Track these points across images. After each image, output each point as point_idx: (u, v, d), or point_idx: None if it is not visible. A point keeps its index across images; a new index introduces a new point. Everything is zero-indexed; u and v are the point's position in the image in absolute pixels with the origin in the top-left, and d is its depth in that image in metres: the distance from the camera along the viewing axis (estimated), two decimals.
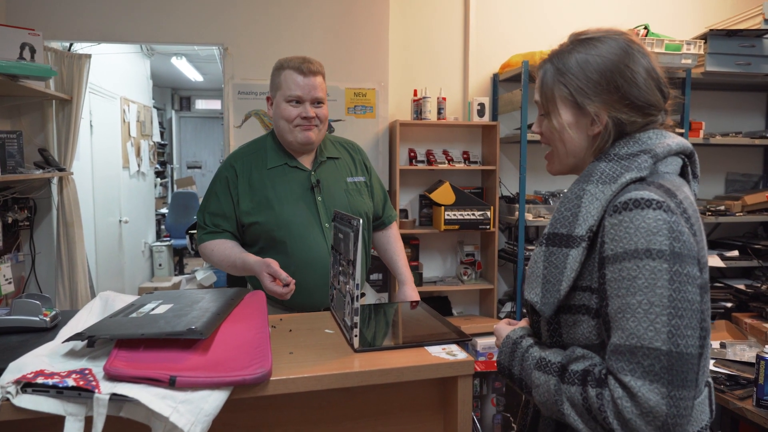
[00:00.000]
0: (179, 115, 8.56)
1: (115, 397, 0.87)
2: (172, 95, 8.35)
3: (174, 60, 5.86)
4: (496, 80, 3.32)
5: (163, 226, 6.58)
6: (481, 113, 3.19)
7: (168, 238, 6.11)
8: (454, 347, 1.14)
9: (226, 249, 1.63)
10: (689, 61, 3.05)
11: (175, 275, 5.81)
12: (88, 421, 0.87)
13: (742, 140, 3.35)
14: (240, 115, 2.92)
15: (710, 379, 0.95)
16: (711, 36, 3.10)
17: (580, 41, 0.96)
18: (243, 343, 1.05)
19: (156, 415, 0.86)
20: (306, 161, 1.70)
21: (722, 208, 3.23)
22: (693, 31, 3.39)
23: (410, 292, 1.75)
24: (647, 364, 0.77)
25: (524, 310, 1.06)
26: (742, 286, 3.13)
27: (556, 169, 1.03)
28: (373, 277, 3.09)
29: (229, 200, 1.65)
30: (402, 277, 1.80)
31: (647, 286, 0.79)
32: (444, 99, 3.14)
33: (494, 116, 3.28)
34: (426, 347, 1.14)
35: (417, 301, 1.53)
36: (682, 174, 0.95)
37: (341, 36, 3.01)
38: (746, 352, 2.26)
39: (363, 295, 1.78)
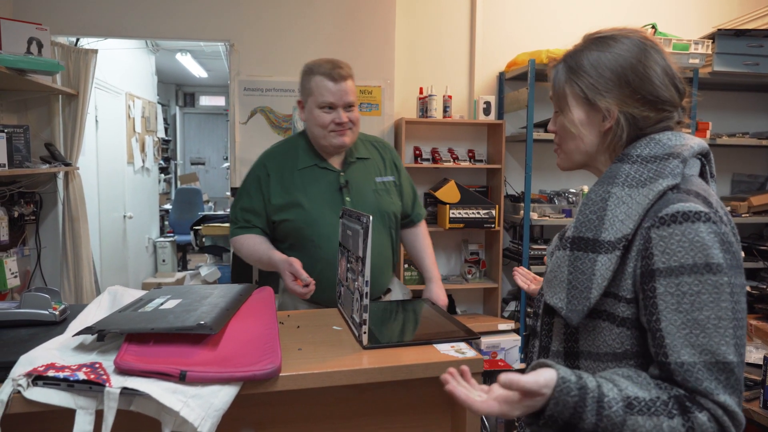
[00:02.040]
0: (183, 111, 8.55)
1: (125, 391, 0.87)
2: (176, 91, 8.34)
3: (179, 56, 5.86)
4: (502, 78, 3.31)
5: (166, 222, 6.59)
6: (486, 111, 3.18)
7: (171, 234, 6.12)
8: (462, 345, 1.14)
9: (254, 244, 1.67)
10: (697, 61, 3.04)
11: (179, 271, 5.82)
12: (99, 415, 0.87)
13: (748, 141, 3.33)
14: (246, 111, 2.92)
15: None
16: (719, 36, 3.08)
17: (593, 40, 0.96)
18: (252, 339, 1.05)
19: (166, 409, 0.86)
20: (336, 162, 1.72)
21: (728, 209, 3.21)
22: (701, 30, 3.37)
23: (437, 290, 1.76)
24: (724, 378, 0.77)
25: (529, 310, 1.04)
26: (747, 288, 3.12)
27: (566, 165, 1.03)
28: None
29: (260, 198, 1.69)
30: (429, 274, 1.81)
31: (713, 300, 0.78)
32: (450, 97, 3.13)
33: (500, 115, 3.27)
34: (435, 345, 1.14)
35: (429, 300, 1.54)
36: (701, 174, 0.94)
37: (347, 33, 3.01)
38: (753, 354, 2.25)
39: (389, 290, 1.78)
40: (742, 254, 0.88)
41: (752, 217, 3.26)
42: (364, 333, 1.12)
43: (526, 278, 1.31)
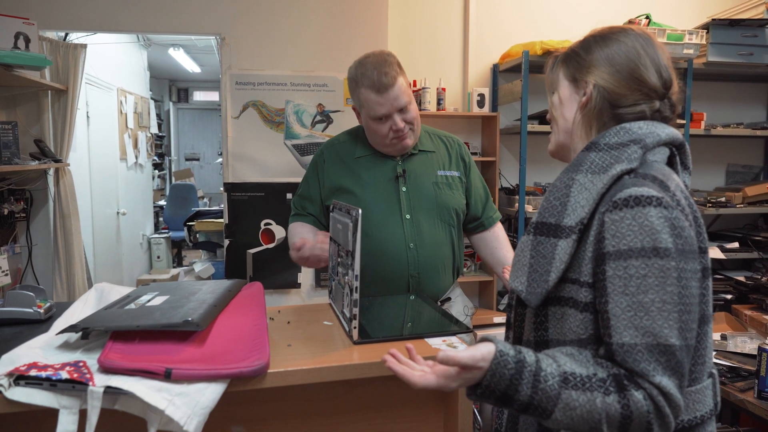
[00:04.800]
0: (177, 106, 8.50)
1: (109, 390, 0.85)
2: (169, 87, 8.29)
3: (171, 51, 5.81)
4: (496, 70, 3.29)
5: (161, 218, 6.56)
6: (480, 104, 3.16)
7: (166, 231, 6.09)
8: (454, 339, 1.13)
9: (298, 228, 1.65)
10: (691, 51, 3.02)
11: (174, 267, 5.80)
12: (83, 414, 0.86)
13: (743, 131, 3.33)
14: (238, 105, 2.89)
15: (715, 371, 0.93)
16: (713, 26, 3.06)
17: (593, 36, 0.99)
18: (240, 335, 1.03)
19: (151, 408, 0.85)
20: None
21: (723, 199, 3.22)
22: (695, 20, 3.35)
23: None
24: (664, 360, 0.78)
25: (510, 303, 1.03)
26: (742, 278, 3.12)
27: (552, 148, 1.05)
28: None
29: (317, 184, 1.67)
30: None
31: (658, 284, 0.79)
32: (444, 89, 3.11)
33: (494, 107, 3.25)
34: (426, 339, 1.12)
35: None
36: (670, 164, 0.95)
37: (340, 25, 2.97)
38: (747, 344, 2.25)
39: (448, 299, 1.65)
40: (703, 231, 0.88)
41: (747, 207, 3.25)
42: (355, 328, 1.10)
43: None
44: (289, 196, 2.93)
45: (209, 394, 0.88)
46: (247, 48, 2.87)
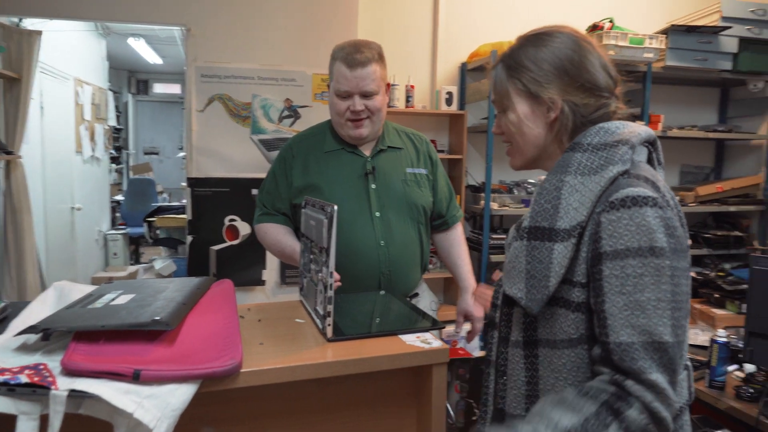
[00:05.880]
0: (136, 98, 8.22)
1: (74, 394, 0.82)
2: (128, 78, 8.00)
3: (131, 41, 5.61)
4: (464, 69, 3.32)
5: (118, 214, 6.35)
6: (449, 102, 3.19)
7: (123, 226, 5.90)
8: (428, 335, 1.13)
9: (279, 234, 1.62)
10: (651, 55, 3.12)
11: (131, 264, 5.62)
12: (45, 420, 0.81)
13: (697, 133, 3.46)
14: (203, 99, 2.82)
15: (689, 363, 0.96)
16: (672, 31, 3.17)
17: (527, 38, 0.98)
18: (211, 334, 1.00)
19: (119, 411, 0.81)
20: (366, 149, 1.64)
21: (677, 198, 3.34)
22: (655, 26, 3.46)
23: (473, 301, 1.66)
24: (658, 357, 0.79)
25: (494, 303, 1.03)
26: (693, 274, 3.25)
27: (519, 164, 1.03)
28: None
29: (285, 180, 1.64)
30: (465, 283, 1.70)
31: (654, 283, 0.80)
32: (413, 87, 3.11)
33: (462, 105, 3.28)
34: (400, 336, 1.12)
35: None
36: (649, 161, 0.97)
37: (309, 20, 2.93)
38: (699, 336, 2.35)
39: (416, 295, 1.67)
40: (689, 240, 0.91)
41: (698, 206, 3.40)
42: (329, 325, 1.09)
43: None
44: (254, 191, 2.88)
45: (180, 395, 0.86)
46: (213, 40, 2.80)
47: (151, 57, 6.60)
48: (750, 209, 3.54)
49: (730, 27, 3.19)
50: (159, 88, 8.27)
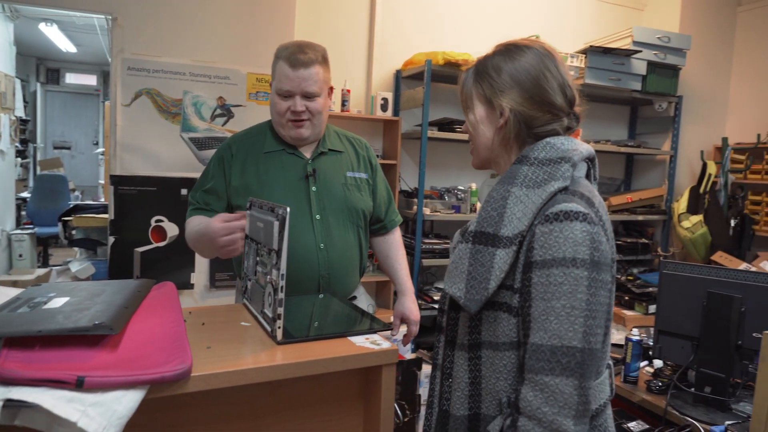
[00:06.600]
0: (46, 88, 7.63)
1: (9, 404, 0.76)
2: (37, 66, 7.41)
3: (43, 26, 5.21)
4: (399, 76, 3.38)
5: (24, 212, 5.85)
6: (384, 108, 3.24)
7: (30, 226, 5.44)
8: (376, 336, 1.15)
9: (202, 219, 1.52)
10: (572, 73, 3.34)
11: (39, 267, 5.20)
12: None
13: (609, 147, 3.75)
14: (129, 93, 2.68)
15: (611, 362, 1.05)
16: (590, 52, 3.42)
17: (500, 48, 1.05)
18: (157, 338, 0.97)
19: (60, 420, 0.77)
20: (306, 151, 1.63)
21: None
22: (577, 45, 3.71)
23: (410, 304, 1.68)
24: (565, 361, 0.86)
25: (441, 308, 1.07)
26: None
27: (475, 163, 1.11)
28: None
29: (222, 179, 1.60)
30: (402, 287, 1.72)
31: (570, 291, 0.87)
32: (348, 91, 3.14)
33: (396, 111, 3.34)
34: (349, 337, 1.14)
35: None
36: (587, 176, 1.05)
37: (245, 17, 2.88)
38: (615, 335, 2.54)
39: (354, 298, 1.68)
40: (615, 254, 0.98)
41: (611, 215, 3.67)
42: (279, 328, 1.08)
43: None
44: (184, 191, 2.78)
45: (127, 402, 0.82)
46: (142, 31, 2.67)
47: (64, 44, 6.16)
48: (655, 218, 3.88)
49: (640, 51, 3.49)
50: (71, 78, 7.73)
